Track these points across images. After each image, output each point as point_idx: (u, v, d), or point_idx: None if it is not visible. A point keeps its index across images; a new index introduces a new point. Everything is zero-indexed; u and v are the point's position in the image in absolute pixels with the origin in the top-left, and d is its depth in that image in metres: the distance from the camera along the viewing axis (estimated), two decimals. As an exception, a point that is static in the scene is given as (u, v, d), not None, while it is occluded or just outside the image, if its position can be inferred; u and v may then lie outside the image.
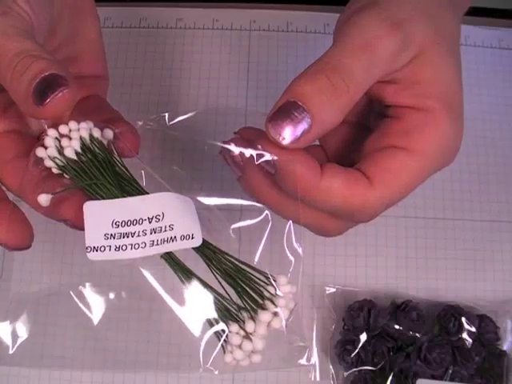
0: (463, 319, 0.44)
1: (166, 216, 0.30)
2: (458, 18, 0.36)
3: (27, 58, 0.29)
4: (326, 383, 0.44)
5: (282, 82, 0.53)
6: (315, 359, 0.45)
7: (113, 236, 0.29)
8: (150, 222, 0.30)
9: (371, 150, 0.33)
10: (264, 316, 0.29)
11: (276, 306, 0.29)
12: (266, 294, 0.29)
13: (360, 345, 0.43)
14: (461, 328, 0.44)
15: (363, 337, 0.44)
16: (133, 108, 0.52)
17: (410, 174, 0.32)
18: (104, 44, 0.40)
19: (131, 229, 0.29)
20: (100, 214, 0.30)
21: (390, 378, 0.43)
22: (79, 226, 0.31)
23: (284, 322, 0.29)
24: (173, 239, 0.29)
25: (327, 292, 0.46)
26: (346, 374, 0.44)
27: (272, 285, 0.29)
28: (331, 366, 0.45)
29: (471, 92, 0.53)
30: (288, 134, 0.29)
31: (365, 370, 0.43)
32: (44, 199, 0.31)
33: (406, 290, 0.47)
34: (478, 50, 0.54)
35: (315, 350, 0.45)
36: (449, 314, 0.44)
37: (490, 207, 0.50)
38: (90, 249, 0.29)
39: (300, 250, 0.31)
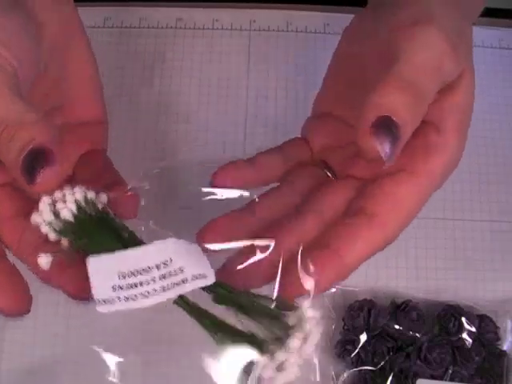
0: (463, 319, 0.44)
1: (173, 260, 0.29)
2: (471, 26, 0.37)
3: (10, 126, 0.28)
4: (325, 383, 0.44)
5: (282, 81, 0.53)
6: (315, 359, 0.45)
7: (121, 287, 0.28)
8: (158, 269, 0.29)
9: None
10: (293, 343, 0.28)
11: (303, 331, 0.28)
12: (290, 321, 0.28)
13: (360, 345, 0.43)
14: (461, 328, 0.44)
15: (363, 337, 0.44)
16: (133, 108, 0.52)
17: (414, 199, 0.33)
18: (102, 84, 0.38)
19: (139, 278, 0.29)
20: (105, 268, 0.29)
21: (390, 378, 0.43)
22: (80, 297, 0.30)
23: (314, 346, 0.28)
24: (184, 281, 0.29)
25: (327, 292, 0.46)
26: (346, 374, 0.44)
27: (295, 311, 0.29)
28: (331, 366, 0.45)
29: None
30: (388, 149, 0.29)
31: (365, 370, 0.43)
32: (44, 261, 0.29)
33: (406, 290, 0.47)
34: (478, 49, 0.54)
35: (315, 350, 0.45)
36: (449, 314, 0.44)
37: (490, 207, 0.50)
38: (99, 302, 0.28)
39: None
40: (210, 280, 0.29)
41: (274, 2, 0.56)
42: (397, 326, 0.44)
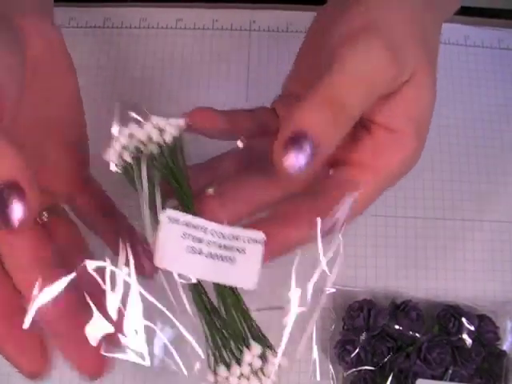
0: (463, 319, 0.44)
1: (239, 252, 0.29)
2: (440, 23, 0.37)
3: None
4: (325, 383, 0.44)
5: (282, 82, 0.53)
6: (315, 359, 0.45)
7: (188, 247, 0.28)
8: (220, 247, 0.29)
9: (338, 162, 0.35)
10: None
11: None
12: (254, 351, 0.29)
13: (360, 345, 0.43)
14: (460, 328, 0.44)
15: (363, 337, 0.44)
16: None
17: (367, 190, 0.34)
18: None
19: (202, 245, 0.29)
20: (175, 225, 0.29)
21: (390, 378, 0.43)
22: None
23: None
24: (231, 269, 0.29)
25: (327, 292, 0.46)
26: (345, 374, 0.44)
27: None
28: (331, 366, 0.44)
29: (471, 92, 0.53)
30: (300, 164, 0.29)
31: (365, 370, 0.43)
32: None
33: (406, 290, 0.47)
34: (478, 50, 0.54)
35: (315, 349, 0.45)
36: (448, 314, 0.44)
37: (490, 207, 0.50)
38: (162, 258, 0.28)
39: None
40: (251, 286, 0.29)
41: (274, 2, 0.56)
42: (397, 326, 0.44)
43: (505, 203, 0.50)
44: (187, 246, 0.28)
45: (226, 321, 0.29)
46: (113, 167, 0.31)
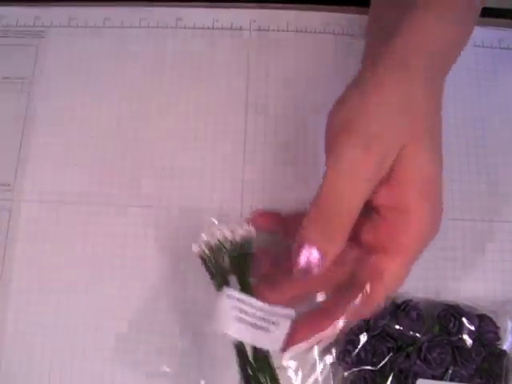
0: (463, 319, 0.44)
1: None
2: (439, 106, 0.39)
3: None
4: (326, 383, 0.44)
5: (283, 81, 0.53)
6: (315, 359, 0.45)
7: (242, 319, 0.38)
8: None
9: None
10: None
11: None
12: None
13: (360, 345, 0.43)
14: (461, 328, 0.44)
15: (363, 337, 0.44)
16: (133, 110, 0.52)
17: (395, 270, 0.38)
18: None
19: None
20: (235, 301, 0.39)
21: (390, 378, 0.43)
22: None
23: None
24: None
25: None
26: (346, 374, 0.44)
27: None
28: (331, 367, 0.44)
29: (471, 92, 0.53)
30: (307, 270, 0.36)
31: (365, 370, 0.43)
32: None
33: (407, 291, 0.47)
34: (478, 50, 0.54)
35: (315, 349, 0.45)
36: (449, 314, 0.44)
37: (490, 207, 0.50)
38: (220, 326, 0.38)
39: None
40: (273, 347, 0.38)
41: (274, 2, 0.56)
42: (397, 326, 0.44)
43: (505, 204, 0.50)
44: (235, 315, 0.38)
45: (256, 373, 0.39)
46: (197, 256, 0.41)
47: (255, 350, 0.39)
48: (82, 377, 0.45)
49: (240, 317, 0.37)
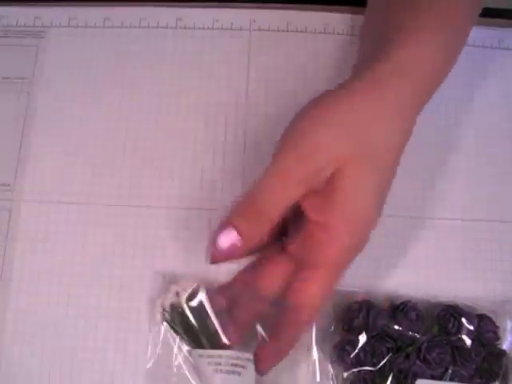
0: (463, 319, 0.44)
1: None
2: (407, 124, 0.41)
3: None
4: None
5: (282, 81, 0.53)
6: (315, 359, 0.45)
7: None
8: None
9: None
10: None
11: None
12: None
13: (359, 345, 0.43)
14: (460, 328, 0.44)
15: (362, 337, 0.44)
16: (133, 110, 0.52)
17: (318, 284, 0.41)
18: None
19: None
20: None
21: (390, 378, 0.43)
22: None
23: None
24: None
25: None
26: (345, 374, 0.44)
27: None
28: (330, 367, 0.44)
29: (471, 92, 0.53)
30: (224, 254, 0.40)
31: (364, 370, 0.43)
32: None
33: (406, 290, 0.47)
34: (478, 50, 0.54)
35: (315, 350, 0.45)
36: (448, 314, 0.44)
37: (490, 207, 0.50)
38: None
39: None
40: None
41: (274, 2, 0.56)
42: (396, 327, 0.44)
43: (505, 203, 0.50)
44: (212, 369, 0.42)
45: None
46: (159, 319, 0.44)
47: None
48: (82, 377, 0.45)
49: (216, 369, 0.42)
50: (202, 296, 0.43)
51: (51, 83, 0.53)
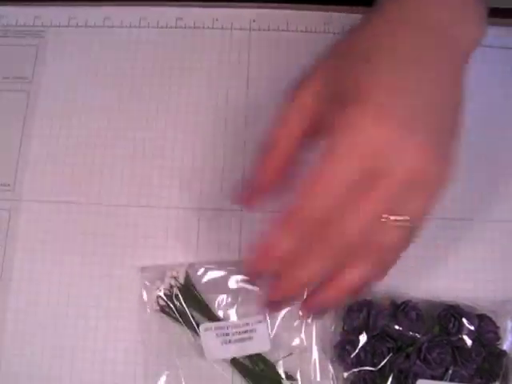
0: (463, 319, 0.44)
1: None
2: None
3: None
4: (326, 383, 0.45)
5: (282, 81, 0.53)
6: (315, 359, 0.45)
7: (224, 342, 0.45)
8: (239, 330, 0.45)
9: None
10: None
11: None
12: None
13: (360, 345, 0.44)
14: (461, 328, 0.44)
15: (363, 337, 0.44)
16: (133, 110, 0.52)
17: None
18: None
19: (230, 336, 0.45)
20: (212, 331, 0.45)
21: (390, 378, 0.43)
22: None
23: None
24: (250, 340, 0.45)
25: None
26: (345, 374, 0.44)
27: None
28: (331, 367, 0.45)
29: (471, 92, 0.53)
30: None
31: (364, 370, 0.43)
32: None
33: (407, 291, 0.47)
34: (478, 50, 0.54)
35: (315, 350, 0.45)
36: (449, 314, 0.44)
37: (490, 207, 0.50)
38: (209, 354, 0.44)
39: None
40: (267, 348, 0.45)
41: (274, 2, 0.56)
42: (396, 327, 0.44)
43: (505, 203, 0.50)
44: (221, 340, 0.44)
45: (261, 373, 0.45)
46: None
47: (250, 357, 0.45)
48: (82, 377, 0.46)
49: (224, 339, 0.44)
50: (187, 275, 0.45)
51: (51, 83, 0.53)
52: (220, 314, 0.46)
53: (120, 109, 0.52)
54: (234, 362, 0.44)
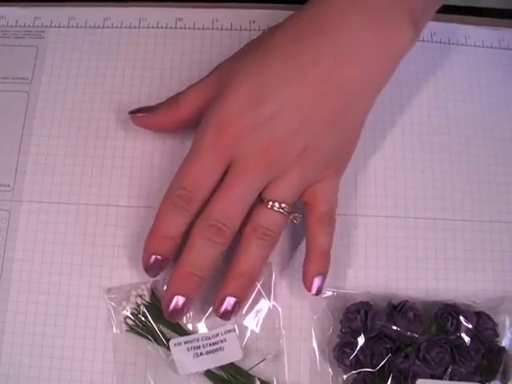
0: (461, 317, 0.44)
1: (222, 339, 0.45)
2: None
3: None
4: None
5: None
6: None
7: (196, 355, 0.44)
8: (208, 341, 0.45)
9: None
10: None
11: None
12: None
13: (358, 347, 0.44)
14: (459, 326, 0.44)
15: (361, 339, 0.44)
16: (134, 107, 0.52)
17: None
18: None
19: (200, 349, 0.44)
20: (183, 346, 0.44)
21: (390, 379, 0.43)
22: None
23: None
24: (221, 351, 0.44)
25: (324, 295, 0.46)
26: (345, 376, 0.44)
27: None
28: (330, 369, 0.45)
29: (471, 92, 0.53)
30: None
31: (364, 372, 0.43)
32: None
33: (406, 291, 0.47)
34: (478, 50, 0.54)
35: (317, 353, 0.45)
36: (446, 313, 0.44)
37: (490, 207, 0.50)
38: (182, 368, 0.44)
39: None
40: (239, 358, 0.44)
41: (274, 2, 0.56)
42: (394, 327, 0.44)
43: (505, 203, 0.50)
44: (193, 354, 0.44)
45: (236, 383, 0.44)
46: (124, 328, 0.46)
47: (223, 368, 0.45)
48: (82, 377, 0.46)
49: (196, 352, 0.44)
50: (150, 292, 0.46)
51: (51, 83, 0.53)
52: (189, 327, 0.45)
53: (120, 109, 0.52)
54: (209, 374, 0.44)
